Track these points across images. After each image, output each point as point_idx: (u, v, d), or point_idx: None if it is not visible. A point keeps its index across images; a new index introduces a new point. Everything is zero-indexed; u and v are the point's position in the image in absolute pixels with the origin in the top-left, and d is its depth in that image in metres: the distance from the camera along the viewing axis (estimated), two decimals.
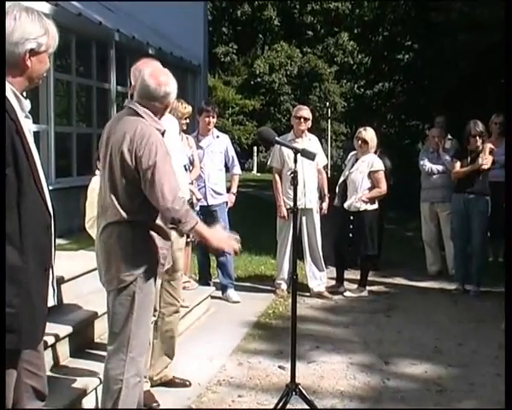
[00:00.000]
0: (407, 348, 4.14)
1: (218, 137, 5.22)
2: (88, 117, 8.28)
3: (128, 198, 2.45)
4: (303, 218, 5.24)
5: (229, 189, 5.33)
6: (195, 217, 2.48)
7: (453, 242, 5.82)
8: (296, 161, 3.00)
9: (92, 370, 3.06)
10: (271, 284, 5.60)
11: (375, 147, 5.56)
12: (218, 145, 5.18)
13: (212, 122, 5.10)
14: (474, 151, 5.53)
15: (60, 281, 3.27)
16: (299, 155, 3.01)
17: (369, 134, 5.46)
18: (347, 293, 5.53)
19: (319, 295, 5.39)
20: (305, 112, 5.37)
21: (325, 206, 5.42)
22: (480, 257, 5.58)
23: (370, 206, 5.41)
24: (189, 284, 4.73)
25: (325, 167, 5.78)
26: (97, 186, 2.91)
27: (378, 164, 5.46)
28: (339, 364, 3.83)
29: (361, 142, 5.45)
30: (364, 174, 5.40)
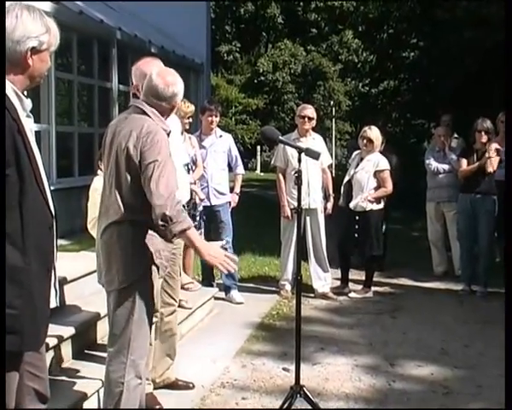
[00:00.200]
0: (413, 350, 4.11)
1: (221, 136, 5.19)
2: (89, 116, 8.25)
3: (132, 196, 2.43)
4: (307, 218, 5.21)
5: (232, 189, 5.30)
6: (189, 221, 2.39)
7: (459, 242, 5.78)
8: (300, 161, 2.98)
9: (94, 372, 3.04)
10: (275, 285, 5.57)
11: (380, 146, 5.52)
12: (221, 145, 5.15)
13: (215, 121, 5.06)
14: (480, 150, 5.48)
15: (62, 282, 3.25)
16: (303, 155, 2.99)
17: (374, 133, 5.42)
18: (352, 294, 5.49)
19: (324, 296, 5.36)
20: (310, 111, 5.33)
21: (330, 206, 5.38)
22: (487, 257, 5.53)
23: (376, 205, 5.37)
24: (192, 285, 4.68)
25: (330, 167, 5.75)
26: (99, 186, 2.89)
27: (384, 163, 5.41)
28: (344, 366, 3.81)
29: (366, 141, 5.41)
30: (370, 174, 5.35)
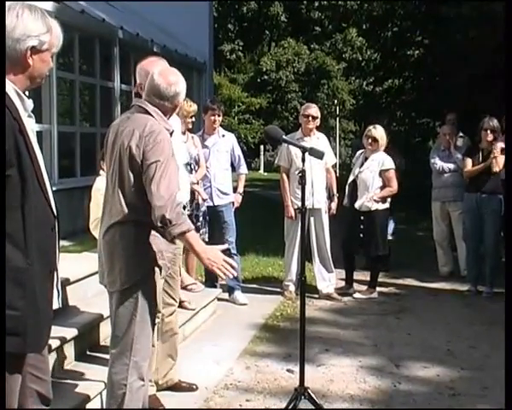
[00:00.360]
0: (418, 351, 4.08)
1: (224, 135, 5.15)
2: (91, 116, 8.21)
3: (135, 196, 2.41)
4: (311, 218, 5.18)
5: (235, 188, 5.27)
6: (190, 224, 2.35)
7: (465, 242, 5.73)
8: (304, 160, 2.96)
9: (97, 374, 3.03)
10: (279, 286, 5.54)
11: (385, 145, 5.49)
12: (224, 144, 5.12)
13: (218, 121, 5.03)
14: (486, 149, 5.44)
15: (64, 283, 3.24)
16: (307, 154, 2.97)
17: (379, 132, 5.38)
18: (357, 294, 5.45)
19: (328, 296, 5.32)
20: (314, 110, 5.30)
21: (334, 206, 5.34)
22: (494, 257, 5.48)
23: (381, 205, 5.33)
24: (196, 286, 4.66)
25: (334, 166, 5.71)
26: (102, 186, 2.88)
27: (389, 162, 5.37)
28: (348, 367, 3.78)
29: (371, 140, 5.37)
30: (375, 173, 5.32)
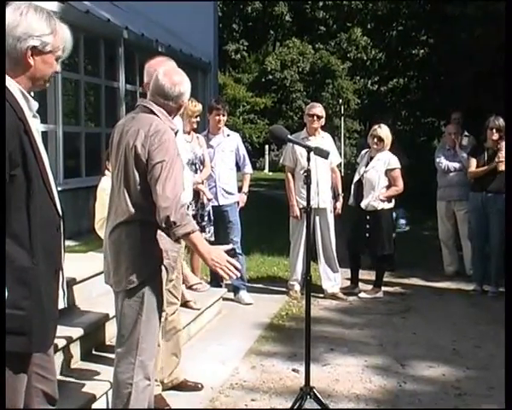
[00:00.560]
0: (424, 351, 4.06)
1: (229, 135, 5.15)
2: (96, 116, 8.23)
3: (141, 195, 2.41)
4: (316, 218, 5.17)
5: (240, 188, 5.27)
6: (194, 225, 2.36)
7: (471, 241, 5.72)
8: (309, 160, 2.95)
9: (103, 373, 3.03)
10: (284, 286, 5.53)
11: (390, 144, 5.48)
12: (229, 144, 5.12)
13: (223, 120, 5.03)
14: (491, 148, 5.41)
15: (70, 283, 3.25)
16: (312, 154, 2.95)
17: (385, 131, 5.37)
18: (362, 294, 5.44)
19: (333, 296, 5.32)
20: (319, 109, 5.29)
21: (339, 205, 5.34)
22: (499, 257, 5.43)
23: (387, 204, 5.33)
24: (201, 286, 4.65)
25: (338, 166, 5.69)
26: (107, 186, 2.88)
27: (394, 162, 5.36)
28: (354, 367, 3.77)
29: (377, 139, 5.36)
30: (381, 173, 5.31)
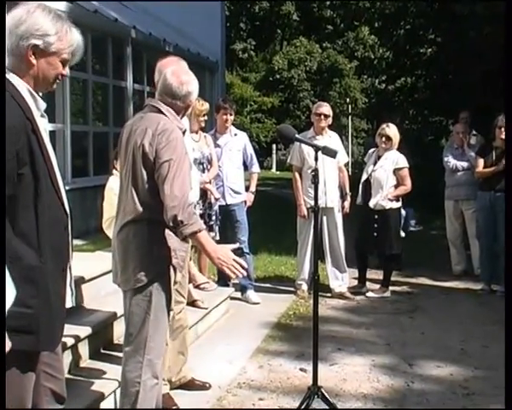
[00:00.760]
0: (431, 350, 4.05)
1: (236, 134, 5.16)
2: (104, 116, 8.25)
3: (149, 194, 2.42)
4: (324, 217, 5.16)
5: (247, 188, 5.27)
6: (201, 224, 2.37)
7: (479, 240, 5.68)
8: (317, 159, 2.94)
9: (111, 372, 3.04)
10: (292, 285, 5.53)
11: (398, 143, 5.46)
12: (236, 143, 5.12)
13: (230, 120, 5.04)
14: (500, 147, 5.38)
15: (78, 282, 3.26)
16: (319, 153, 2.95)
17: (393, 131, 5.36)
18: (370, 293, 5.43)
19: (341, 295, 5.31)
20: (326, 108, 5.28)
21: (347, 205, 5.32)
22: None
23: (395, 204, 5.32)
24: (208, 285, 4.66)
25: (346, 165, 5.68)
26: (115, 186, 2.89)
27: (403, 161, 5.35)
28: (361, 366, 3.77)
29: (385, 138, 5.34)
30: (389, 172, 5.29)
